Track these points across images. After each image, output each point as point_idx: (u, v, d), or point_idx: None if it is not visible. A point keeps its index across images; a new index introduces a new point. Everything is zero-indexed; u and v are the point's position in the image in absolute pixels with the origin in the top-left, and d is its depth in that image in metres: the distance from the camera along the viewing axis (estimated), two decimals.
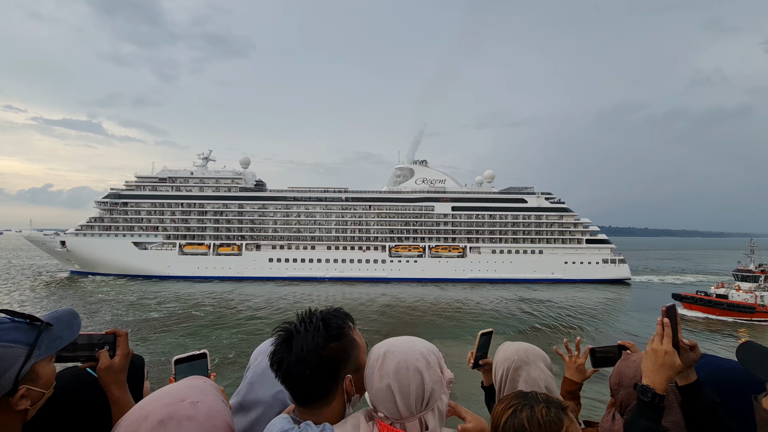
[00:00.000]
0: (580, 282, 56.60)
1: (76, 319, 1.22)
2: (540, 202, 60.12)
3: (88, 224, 57.26)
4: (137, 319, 31.63)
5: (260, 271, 56.67)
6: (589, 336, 28.31)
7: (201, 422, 0.82)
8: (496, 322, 32.05)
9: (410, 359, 1.19)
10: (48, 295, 42.49)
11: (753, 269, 36.76)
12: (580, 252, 58.57)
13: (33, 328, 1.06)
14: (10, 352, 0.98)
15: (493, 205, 60.00)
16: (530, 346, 1.81)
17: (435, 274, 57.36)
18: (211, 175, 60.70)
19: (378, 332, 28.16)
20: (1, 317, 1.05)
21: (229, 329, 28.91)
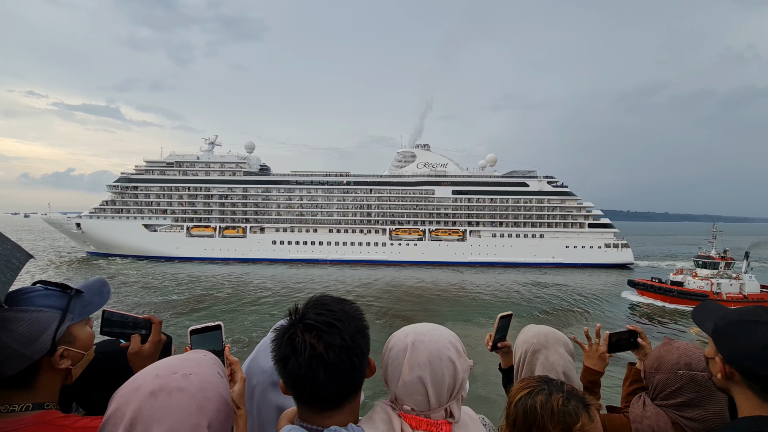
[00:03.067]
0: (581, 266, 56.55)
1: (106, 287, 1.33)
2: (542, 186, 59.65)
3: (101, 207, 59.71)
4: (160, 301, 32.50)
5: (264, 253, 58.42)
6: (592, 319, 28.47)
7: (192, 393, 0.83)
8: (497, 305, 32.37)
9: (442, 348, 1.14)
10: (68, 275, 45.04)
11: (714, 255, 35.68)
12: (581, 236, 58.25)
13: (64, 294, 1.18)
14: (44, 315, 1.10)
15: (494, 189, 59.86)
16: (551, 330, 1.78)
17: (435, 257, 58.10)
18: (217, 159, 62.12)
19: (384, 314, 29.12)
20: (35, 286, 1.19)
21: (249, 310, 29.73)
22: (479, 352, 1.55)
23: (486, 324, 26.42)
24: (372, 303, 32.71)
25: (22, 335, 1.05)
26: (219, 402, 0.88)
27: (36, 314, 1.09)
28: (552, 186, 59.99)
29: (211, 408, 0.85)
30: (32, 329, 1.07)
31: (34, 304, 1.11)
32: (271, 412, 1.39)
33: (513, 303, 33.90)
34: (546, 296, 36.95)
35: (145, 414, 0.78)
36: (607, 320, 28.63)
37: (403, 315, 28.66)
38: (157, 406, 0.79)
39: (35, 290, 1.16)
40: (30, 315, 1.08)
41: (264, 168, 65.95)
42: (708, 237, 37.95)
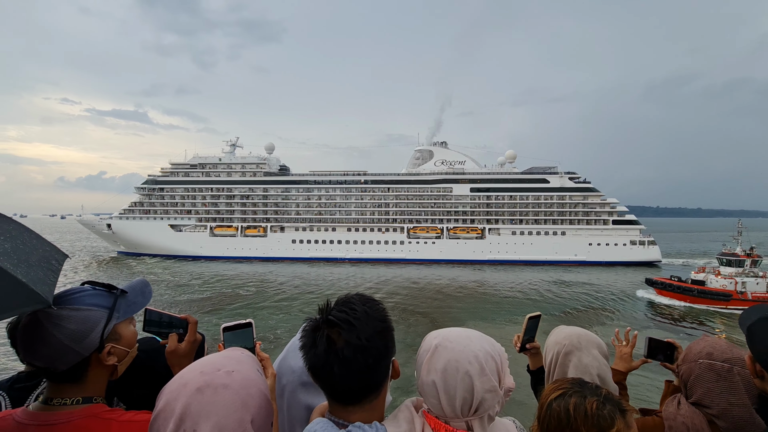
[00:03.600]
0: (605, 264, 54.99)
1: (148, 287, 1.42)
2: (563, 182, 58.28)
3: (130, 208, 62.28)
4: (188, 299, 33.45)
5: (284, 252, 59.54)
6: (606, 320, 27.67)
7: (236, 390, 0.87)
8: (519, 304, 32.01)
9: (462, 360, 1.08)
10: (100, 273, 47.26)
11: (739, 252, 33.81)
12: (605, 233, 56.60)
13: (111, 294, 1.26)
14: (93, 314, 1.17)
15: (513, 186, 58.93)
16: (583, 332, 1.72)
17: (453, 255, 57.72)
18: (238, 160, 63.69)
19: (406, 313, 28.99)
20: (84, 286, 1.26)
21: (273, 308, 30.28)
22: None
23: (508, 324, 26.18)
24: (394, 301, 32.82)
25: (74, 332, 1.13)
26: (261, 398, 0.92)
27: (86, 313, 1.17)
28: (573, 182, 58.53)
29: (254, 404, 0.89)
30: (83, 327, 1.14)
31: (84, 303, 1.18)
32: (300, 412, 1.40)
33: (535, 302, 33.28)
34: (565, 295, 36.11)
35: (193, 409, 0.83)
36: (623, 322, 27.65)
37: (425, 314, 28.58)
38: (204, 401, 0.84)
39: (84, 290, 1.24)
40: (80, 313, 1.16)
41: (284, 168, 67.16)
42: (733, 233, 36.13)
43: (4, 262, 1.00)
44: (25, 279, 1.02)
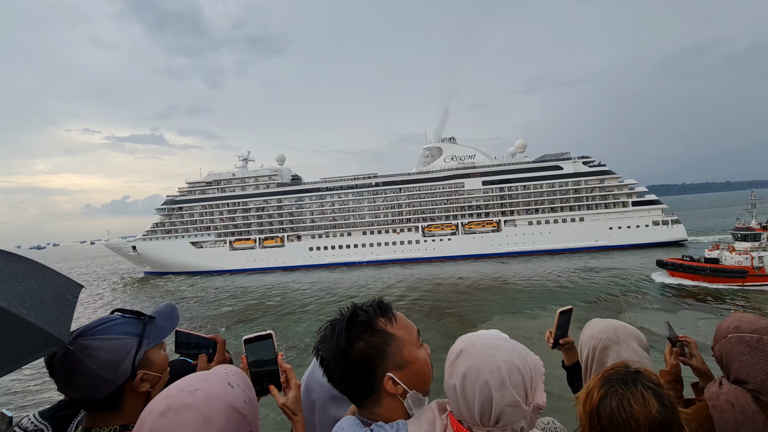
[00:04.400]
0: (628, 248, 53.55)
1: (175, 311, 1.45)
2: (577, 167, 57.08)
3: (152, 229, 64.45)
4: (216, 314, 33.98)
5: (302, 260, 60.41)
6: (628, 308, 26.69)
7: (197, 407, 0.87)
8: (545, 295, 31.56)
9: (483, 369, 1.02)
10: (131, 294, 49.04)
11: (754, 226, 31.81)
12: (626, 216, 55.10)
13: (139, 321, 1.27)
14: (124, 343, 1.19)
15: (525, 176, 58.07)
16: (620, 324, 1.64)
17: (470, 250, 57.32)
18: (251, 174, 65.07)
19: (431, 308, 29.19)
20: (113, 315, 1.28)
21: (299, 316, 30.52)
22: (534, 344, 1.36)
23: (539, 314, 25.88)
24: (417, 300, 32.81)
25: (107, 362, 1.15)
26: (227, 411, 0.91)
27: (117, 341, 1.19)
28: (588, 166, 57.24)
29: (219, 418, 0.88)
30: (115, 356, 1.17)
31: (114, 332, 1.20)
32: (331, 426, 1.38)
33: (561, 290, 32.61)
34: (591, 282, 35.30)
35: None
36: (634, 307, 26.63)
37: (451, 311, 28.47)
38: (165, 425, 0.84)
39: (114, 319, 1.26)
40: (112, 343, 1.18)
41: (296, 178, 68.19)
42: (747, 206, 34.07)
43: (18, 307, 1.00)
44: (39, 323, 1.02)
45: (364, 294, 37.04)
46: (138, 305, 39.27)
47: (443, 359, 1.18)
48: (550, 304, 27.74)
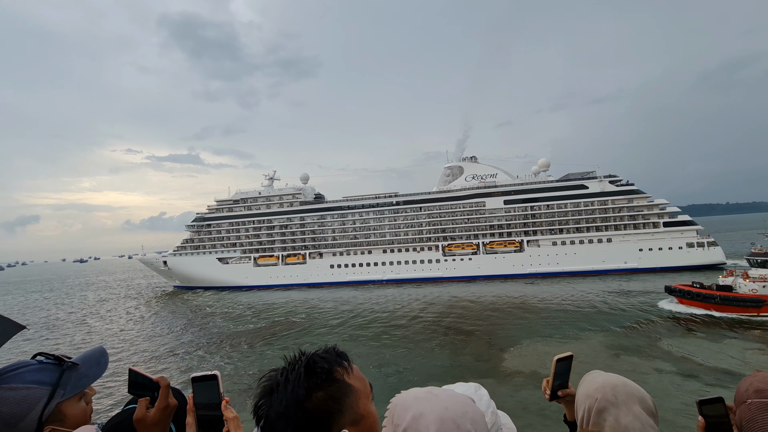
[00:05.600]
0: (660, 270, 51.02)
1: (104, 357, 1.28)
2: (603, 186, 55.53)
3: (182, 245, 67.36)
4: (242, 330, 34.00)
5: (323, 277, 61.18)
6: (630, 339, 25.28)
7: None
8: (576, 318, 30.45)
9: None
10: (160, 308, 51.03)
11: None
12: (657, 237, 52.77)
13: (57, 368, 1.13)
14: (31, 393, 1.04)
15: (549, 195, 56.98)
16: (621, 381, 1.37)
17: (491, 270, 56.33)
18: (276, 193, 67.26)
19: (454, 330, 28.57)
20: (28, 360, 1.14)
21: (325, 335, 30.63)
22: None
23: (569, 339, 25.14)
24: (439, 321, 32.39)
25: (7, 415, 1.01)
26: None
27: (24, 392, 1.05)
28: (615, 185, 55.57)
29: None
30: (18, 409, 1.02)
31: (23, 381, 1.07)
32: None
33: (590, 314, 31.38)
34: (616, 306, 33.87)
35: None
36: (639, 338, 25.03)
37: (476, 333, 28.00)
38: None
39: (28, 365, 1.12)
40: (17, 393, 1.04)
41: (319, 196, 69.85)
42: (765, 230, 31.95)
43: None
44: None
45: (387, 313, 36.97)
46: (165, 320, 40.77)
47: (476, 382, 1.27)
48: (585, 330, 26.84)
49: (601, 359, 21.22)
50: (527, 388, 17.84)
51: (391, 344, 26.66)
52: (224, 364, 24.77)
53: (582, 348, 23.16)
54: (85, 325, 40.45)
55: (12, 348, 25.18)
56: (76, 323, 41.95)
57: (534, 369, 20.23)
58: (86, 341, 32.75)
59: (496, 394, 16.69)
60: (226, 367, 24.09)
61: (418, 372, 21.07)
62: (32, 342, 32.37)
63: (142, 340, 32.49)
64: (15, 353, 27.69)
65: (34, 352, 1.12)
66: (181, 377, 22.50)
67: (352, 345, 26.93)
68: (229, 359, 25.74)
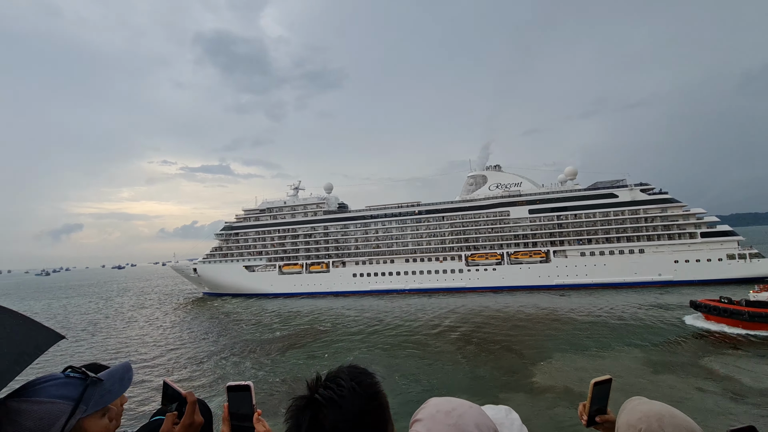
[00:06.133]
0: (698, 283, 48.36)
1: (129, 373, 1.28)
2: (634, 195, 53.45)
3: (211, 253, 69.74)
4: (269, 338, 34.37)
5: (346, 286, 61.65)
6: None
7: None
8: (608, 332, 29.28)
9: None
10: (188, 314, 52.96)
11: None
12: (693, 248, 50.12)
13: (81, 383, 1.12)
14: (54, 408, 1.04)
15: (576, 204, 55.37)
16: (668, 411, 1.21)
17: (516, 281, 55.09)
18: (300, 202, 68.75)
19: (481, 341, 28.02)
20: (56, 374, 1.14)
21: (350, 343, 30.71)
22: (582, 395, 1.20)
23: (602, 353, 24.32)
24: (464, 332, 31.84)
25: (30, 429, 1.01)
26: None
27: (47, 406, 1.05)
28: (647, 194, 53.39)
29: None
30: (40, 423, 1.02)
31: (47, 395, 1.07)
32: None
33: (623, 329, 30.02)
34: (648, 321, 32.37)
35: None
36: (679, 354, 23.66)
37: (506, 345, 27.39)
38: None
39: (55, 378, 1.13)
40: (40, 407, 1.04)
41: (342, 206, 70.84)
42: None
43: None
44: None
45: (411, 323, 36.82)
46: (196, 326, 42.05)
47: (501, 398, 1.25)
48: (619, 345, 25.88)
49: (637, 377, 20.26)
50: (560, 405, 17.20)
51: (415, 355, 26.43)
52: (255, 371, 25.06)
53: (616, 365, 22.28)
54: (120, 331, 42.31)
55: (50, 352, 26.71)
56: (112, 329, 44.00)
57: (566, 385, 19.48)
58: (120, 348, 33.86)
59: (527, 411, 16.42)
60: (257, 374, 24.38)
61: (443, 385, 20.71)
62: (68, 348, 33.43)
63: (174, 347, 33.49)
64: (53, 357, 29.39)
65: (70, 356, 1.27)
66: (212, 384, 22.99)
67: (377, 355, 26.87)
68: (260, 366, 26.07)
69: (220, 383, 22.89)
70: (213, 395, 20.83)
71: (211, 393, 21.38)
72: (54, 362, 27.37)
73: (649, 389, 18.31)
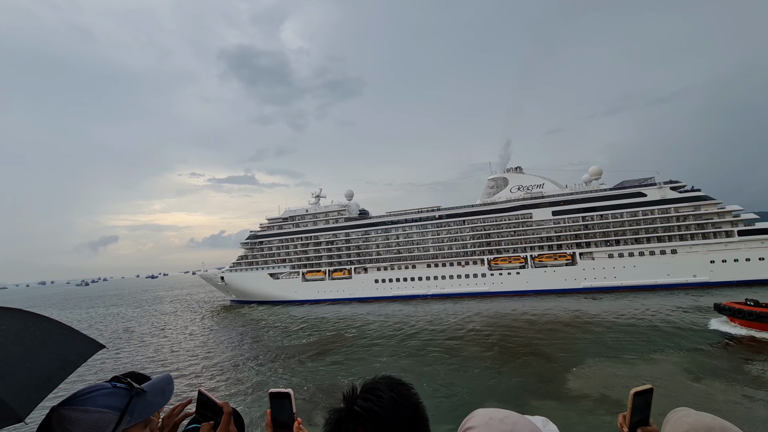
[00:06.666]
0: (737, 284, 45.96)
1: (170, 385, 1.34)
2: (664, 193, 51.44)
3: (237, 261, 71.78)
4: (297, 344, 34.72)
5: (368, 292, 62.01)
6: None
7: None
8: (641, 337, 28.01)
9: None
10: (216, 322, 54.58)
11: None
12: (731, 247, 47.68)
13: (127, 394, 1.18)
14: (102, 417, 1.09)
15: (602, 204, 53.79)
16: (718, 424, 1.08)
17: (541, 285, 53.89)
18: (322, 210, 69.90)
19: (508, 348, 27.41)
20: (103, 383, 1.19)
21: (380, 347, 30.90)
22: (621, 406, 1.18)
23: (638, 360, 23.41)
24: (494, 338, 31.23)
25: None
26: None
27: (95, 415, 1.09)
28: (678, 192, 51.28)
29: None
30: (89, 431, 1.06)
31: (96, 404, 1.11)
32: None
33: (657, 334, 28.68)
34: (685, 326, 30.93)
35: None
36: (721, 359, 22.40)
37: (537, 354, 26.52)
38: None
39: (102, 388, 1.17)
40: (89, 416, 1.08)
41: (363, 212, 71.50)
42: None
43: None
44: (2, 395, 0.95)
45: (436, 328, 36.60)
46: (227, 333, 43.21)
47: (535, 406, 1.29)
48: (655, 349, 24.96)
49: (676, 384, 19.35)
50: (597, 413, 16.55)
51: (444, 361, 26.16)
52: (288, 378, 25.18)
53: (654, 370, 21.37)
54: (154, 339, 43.99)
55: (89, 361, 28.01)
56: (147, 336, 45.89)
57: (603, 392, 18.78)
58: (154, 357, 34.64)
59: (563, 420, 15.99)
60: (290, 381, 24.55)
61: (473, 392, 20.30)
62: (105, 355, 34.40)
63: (205, 354, 34.15)
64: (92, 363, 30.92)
65: (106, 366, 1.51)
66: (244, 392, 23.27)
67: (405, 361, 26.76)
68: (292, 373, 26.23)
69: (252, 391, 23.19)
70: (245, 402, 21.20)
71: (243, 400, 21.70)
72: (93, 368, 28.95)
73: (690, 398, 17.46)
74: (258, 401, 21.10)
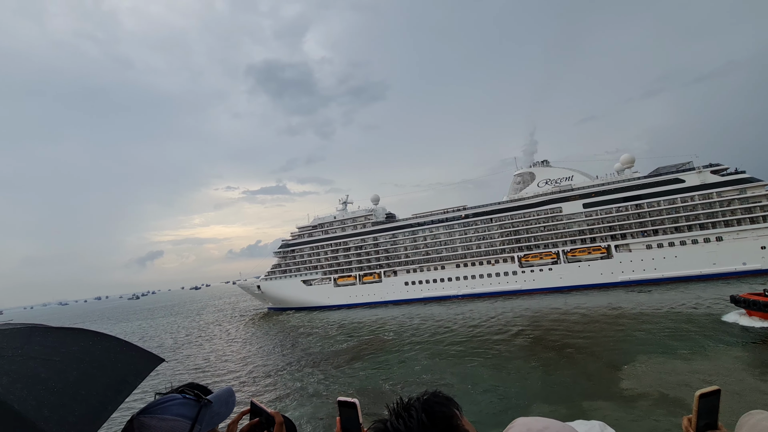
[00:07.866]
0: None
1: (232, 397, 1.42)
2: (704, 177, 48.62)
3: (272, 270, 74.43)
4: (336, 349, 34.90)
5: (399, 294, 62.50)
6: None
7: None
8: (693, 332, 26.40)
9: None
10: (257, 328, 56.70)
11: None
12: None
13: (196, 404, 1.26)
14: (177, 425, 1.19)
15: (636, 194, 51.56)
16: None
17: (576, 280, 52.30)
18: (349, 216, 71.26)
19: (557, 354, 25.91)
20: (175, 394, 1.29)
21: (419, 349, 30.68)
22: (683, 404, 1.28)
23: (694, 355, 22.14)
24: (539, 337, 30.24)
25: None
26: None
27: (171, 423, 1.19)
28: (719, 175, 48.33)
29: None
30: None
31: (171, 413, 1.22)
32: None
33: (710, 327, 26.82)
34: None
35: None
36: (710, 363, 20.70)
37: (584, 352, 25.36)
38: None
39: (175, 398, 1.27)
40: (165, 424, 1.19)
41: (390, 215, 72.25)
42: None
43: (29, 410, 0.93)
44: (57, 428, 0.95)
45: (471, 329, 36.16)
46: (267, 340, 44.54)
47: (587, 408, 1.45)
48: (710, 343, 23.51)
49: (741, 381, 17.98)
50: (656, 414, 15.58)
51: (485, 362, 25.57)
52: (329, 383, 25.26)
53: (713, 367, 20.01)
54: (201, 348, 45.63)
55: None
56: (194, 345, 47.99)
57: (661, 390, 17.71)
58: (202, 366, 35.55)
59: (619, 422, 15.33)
60: (331, 387, 24.55)
61: (520, 394, 19.62)
62: (162, 366, 36.90)
63: (250, 361, 34.76)
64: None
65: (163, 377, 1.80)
66: (288, 395, 23.81)
67: (446, 363, 26.38)
68: (334, 379, 26.20)
69: (296, 396, 23.61)
70: (292, 407, 21.68)
71: (291, 405, 22.06)
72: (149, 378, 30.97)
73: (758, 397, 16.23)
74: (303, 406, 21.50)
